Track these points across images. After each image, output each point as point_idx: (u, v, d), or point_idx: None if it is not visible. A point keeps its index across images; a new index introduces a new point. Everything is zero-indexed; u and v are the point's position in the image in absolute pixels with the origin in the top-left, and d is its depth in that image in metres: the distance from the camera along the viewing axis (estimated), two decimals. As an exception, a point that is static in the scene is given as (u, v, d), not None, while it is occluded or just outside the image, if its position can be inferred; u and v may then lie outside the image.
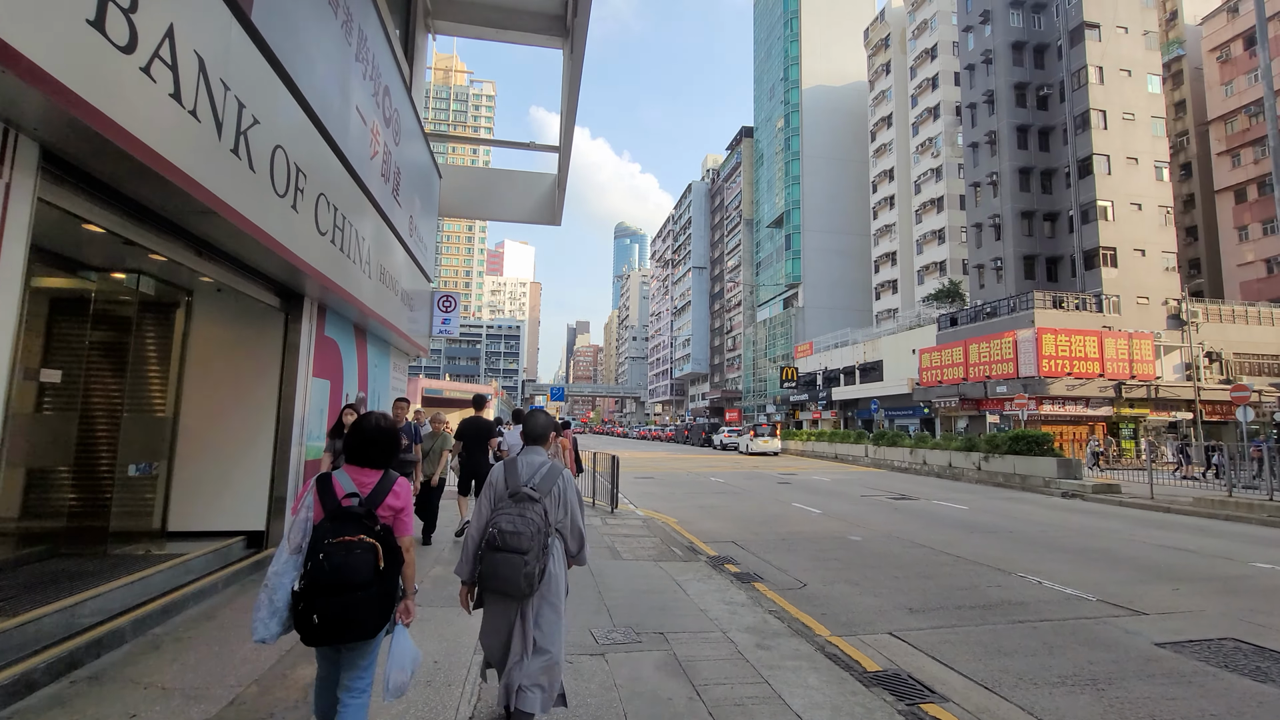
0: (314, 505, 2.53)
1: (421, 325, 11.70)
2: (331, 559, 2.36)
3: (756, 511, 12.07)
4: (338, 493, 2.51)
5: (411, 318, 10.67)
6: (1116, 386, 34.23)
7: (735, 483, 17.68)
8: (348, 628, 2.40)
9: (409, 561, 2.64)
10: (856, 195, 69.17)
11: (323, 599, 2.35)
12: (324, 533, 2.42)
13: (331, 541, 2.39)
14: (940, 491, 15.90)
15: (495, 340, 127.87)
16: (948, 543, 8.96)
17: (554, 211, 14.64)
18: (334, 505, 2.48)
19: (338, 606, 2.36)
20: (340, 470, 2.62)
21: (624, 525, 9.69)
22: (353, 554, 2.38)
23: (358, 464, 2.62)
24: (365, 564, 2.40)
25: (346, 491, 2.52)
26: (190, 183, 3.71)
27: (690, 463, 27.25)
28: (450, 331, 12.02)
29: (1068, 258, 40.06)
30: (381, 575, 2.45)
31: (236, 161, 4.24)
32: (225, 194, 4.10)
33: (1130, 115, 39.08)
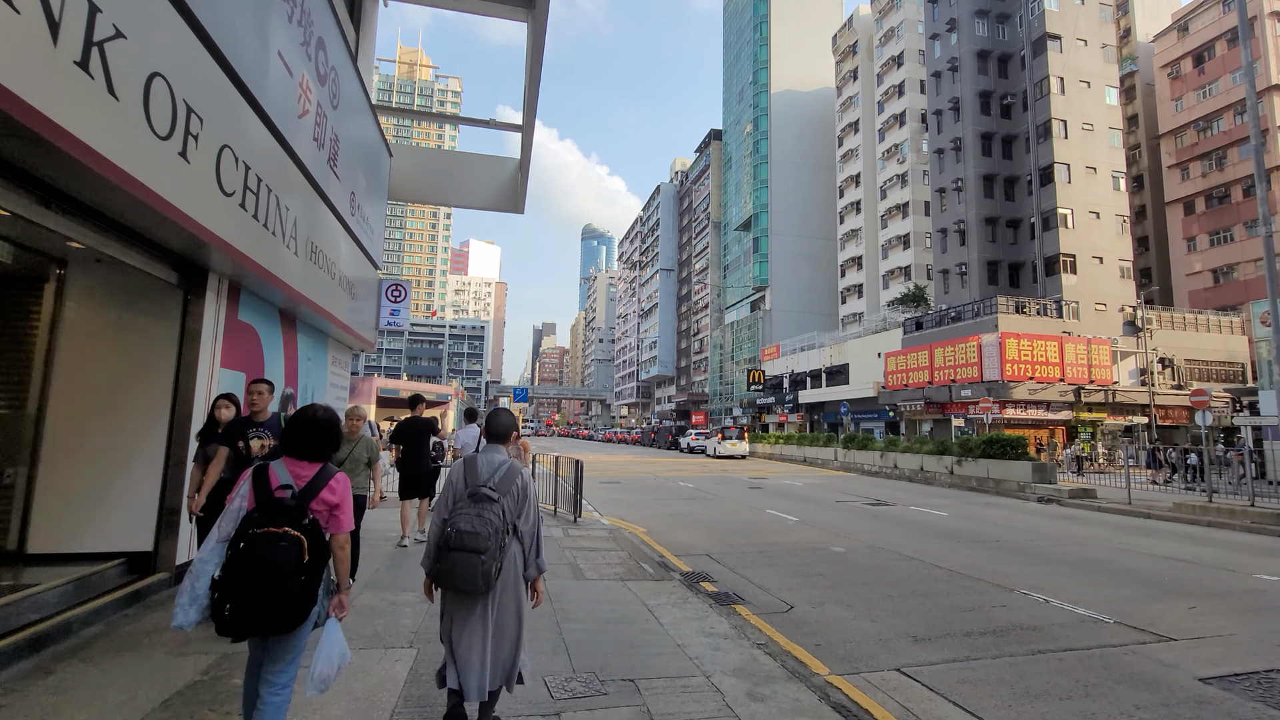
0: (248, 495, 2.51)
1: (367, 316, 10.63)
2: (252, 549, 2.33)
3: (730, 519, 11.32)
4: (272, 484, 2.51)
5: (354, 307, 9.61)
6: (1076, 391, 34.78)
7: (705, 488, 16.95)
8: (261, 620, 2.35)
9: (343, 557, 2.61)
10: (824, 200, 69.66)
11: (237, 590, 2.31)
12: (250, 523, 2.40)
13: (255, 532, 2.36)
14: (915, 497, 15.44)
15: (458, 340, 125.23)
16: (937, 554, 8.34)
17: (516, 198, 13.69)
18: (266, 496, 2.48)
19: (252, 598, 2.31)
20: (279, 461, 2.60)
21: (588, 537, 8.81)
22: (275, 546, 2.35)
23: (295, 456, 2.61)
24: (287, 557, 2.36)
25: (281, 483, 2.52)
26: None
27: (657, 466, 26.47)
28: (400, 324, 10.97)
29: (1029, 264, 40.73)
30: (304, 569, 2.40)
31: (85, 79, 3.25)
32: (65, 118, 3.11)
33: (1089, 126, 39.97)
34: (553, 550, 7.79)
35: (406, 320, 11.05)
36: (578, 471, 9.92)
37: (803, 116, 71.86)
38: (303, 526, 2.44)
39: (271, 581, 2.33)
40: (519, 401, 31.70)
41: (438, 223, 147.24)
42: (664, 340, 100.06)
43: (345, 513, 2.63)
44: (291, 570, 2.37)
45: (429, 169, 13.34)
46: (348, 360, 10.60)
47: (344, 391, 10.35)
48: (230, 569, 2.34)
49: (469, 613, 2.95)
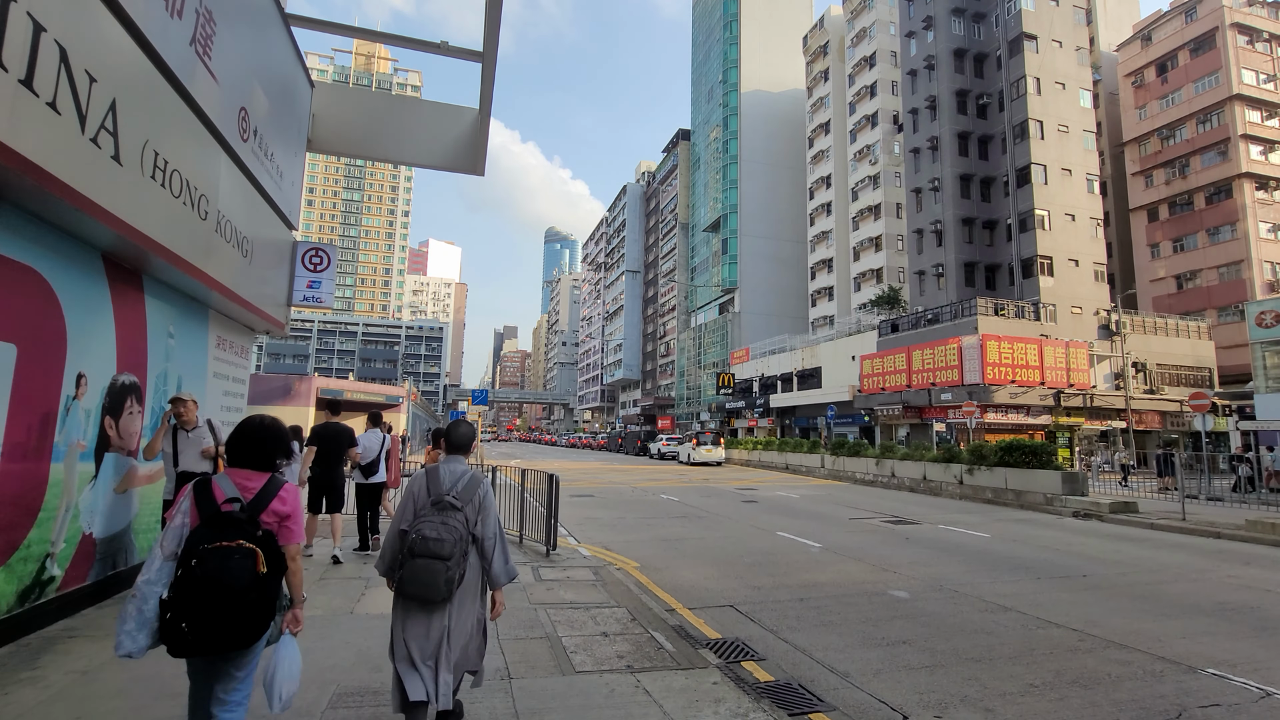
0: (190, 511, 2.41)
1: (275, 288, 8.12)
2: (205, 565, 2.24)
3: (737, 545, 9.18)
4: (217, 497, 2.43)
5: (252, 272, 7.11)
6: (1056, 395, 34.00)
7: (692, 501, 14.80)
8: (220, 637, 2.27)
9: (296, 570, 2.55)
10: (794, 202, 68.76)
11: (194, 607, 2.22)
12: (199, 539, 2.31)
13: (206, 547, 2.27)
14: (933, 511, 13.60)
15: (416, 342, 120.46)
16: (1030, 600, 6.35)
17: (475, 156, 11.31)
18: (212, 510, 2.39)
19: (210, 614, 2.22)
20: (221, 474, 2.52)
21: (568, 581, 6.52)
22: (230, 560, 2.27)
23: (240, 466, 2.55)
24: (243, 570, 2.28)
25: (227, 496, 2.44)
26: None
27: (630, 475, 24.22)
28: (322, 299, 8.48)
29: (1006, 265, 40.09)
30: (260, 582, 2.33)
31: None
32: None
33: (1065, 127, 39.62)
34: (520, 606, 5.50)
35: (330, 294, 8.57)
36: (552, 489, 7.61)
37: (773, 117, 70.92)
38: (256, 539, 2.36)
39: (229, 596, 2.24)
40: (478, 404, 29.03)
41: (395, 220, 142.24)
42: (629, 343, 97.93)
43: (297, 523, 2.56)
44: (248, 584, 2.28)
45: (366, 115, 10.83)
46: (246, 345, 8.06)
47: (240, 385, 7.82)
48: (184, 587, 2.23)
49: (428, 622, 2.96)
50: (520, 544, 8.47)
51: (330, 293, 8.62)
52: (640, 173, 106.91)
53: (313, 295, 8.47)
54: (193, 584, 2.22)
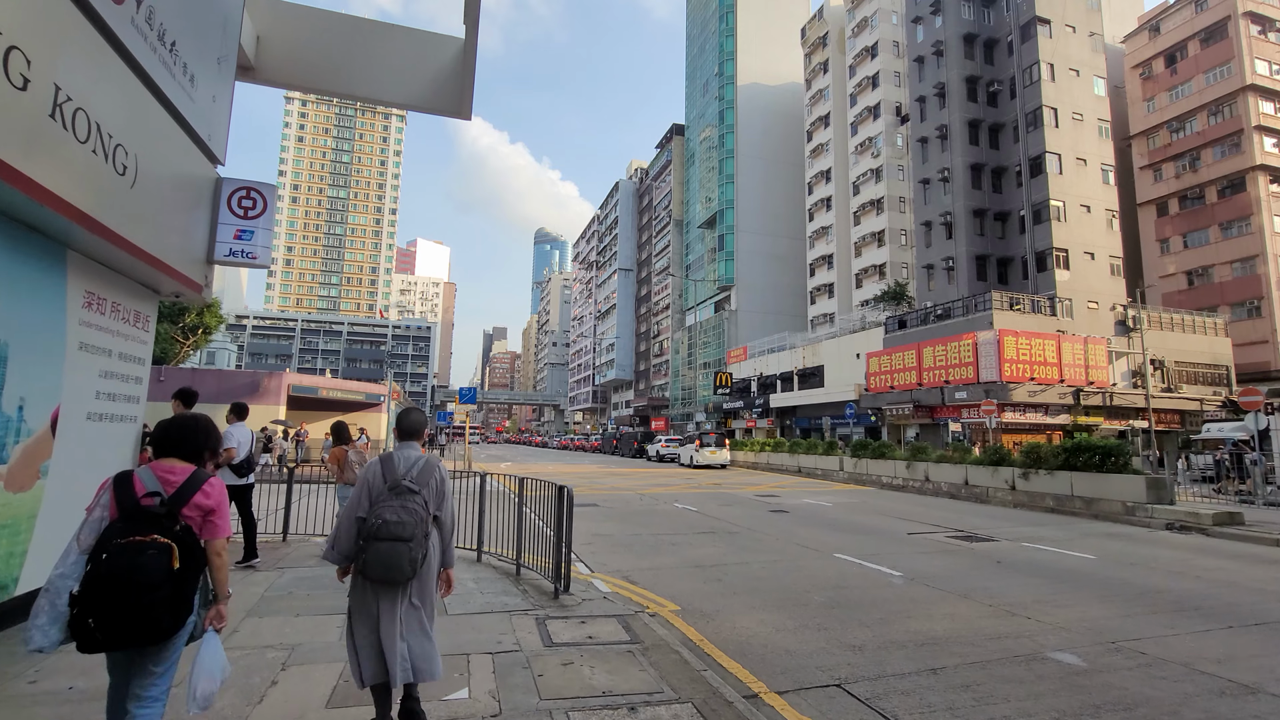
0: (110, 504, 2.33)
1: (187, 236, 6.03)
2: (115, 560, 2.19)
3: (794, 574, 7.19)
4: (137, 490, 2.34)
5: (141, 204, 5.03)
6: (1075, 393, 32.39)
7: (712, 511, 12.81)
8: (130, 632, 2.21)
9: (220, 565, 2.48)
10: (791, 198, 67.12)
11: (102, 602, 2.16)
12: (113, 533, 2.25)
13: (119, 542, 2.22)
14: (996, 523, 11.68)
15: (403, 341, 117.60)
16: (1246, 664, 4.42)
17: (460, 95, 9.28)
18: (131, 504, 2.31)
19: (117, 611, 2.16)
20: (144, 466, 2.44)
21: (590, 645, 4.50)
22: (142, 555, 2.21)
23: (166, 456, 2.48)
24: (156, 566, 2.22)
25: (148, 490, 2.35)
26: None
27: (633, 479, 22.20)
28: (255, 255, 6.40)
29: (1019, 259, 38.49)
30: (175, 578, 2.27)
31: None
32: None
33: (1079, 115, 38.12)
34: (527, 706, 3.48)
35: (266, 248, 6.48)
36: (564, 507, 5.56)
37: (770, 111, 69.27)
38: (173, 534, 2.31)
39: (137, 592, 2.18)
40: (466, 403, 26.87)
41: (382, 218, 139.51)
42: (622, 343, 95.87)
43: (222, 517, 2.49)
44: (160, 580, 2.22)
45: (325, 40, 8.74)
46: (145, 312, 5.95)
47: (135, 367, 5.72)
48: (92, 582, 2.18)
49: (391, 602, 2.99)
50: (516, 576, 6.43)
51: (266, 246, 6.52)
52: (631, 171, 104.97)
53: (242, 249, 6.37)
54: (100, 579, 2.17)
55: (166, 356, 39.46)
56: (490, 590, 5.91)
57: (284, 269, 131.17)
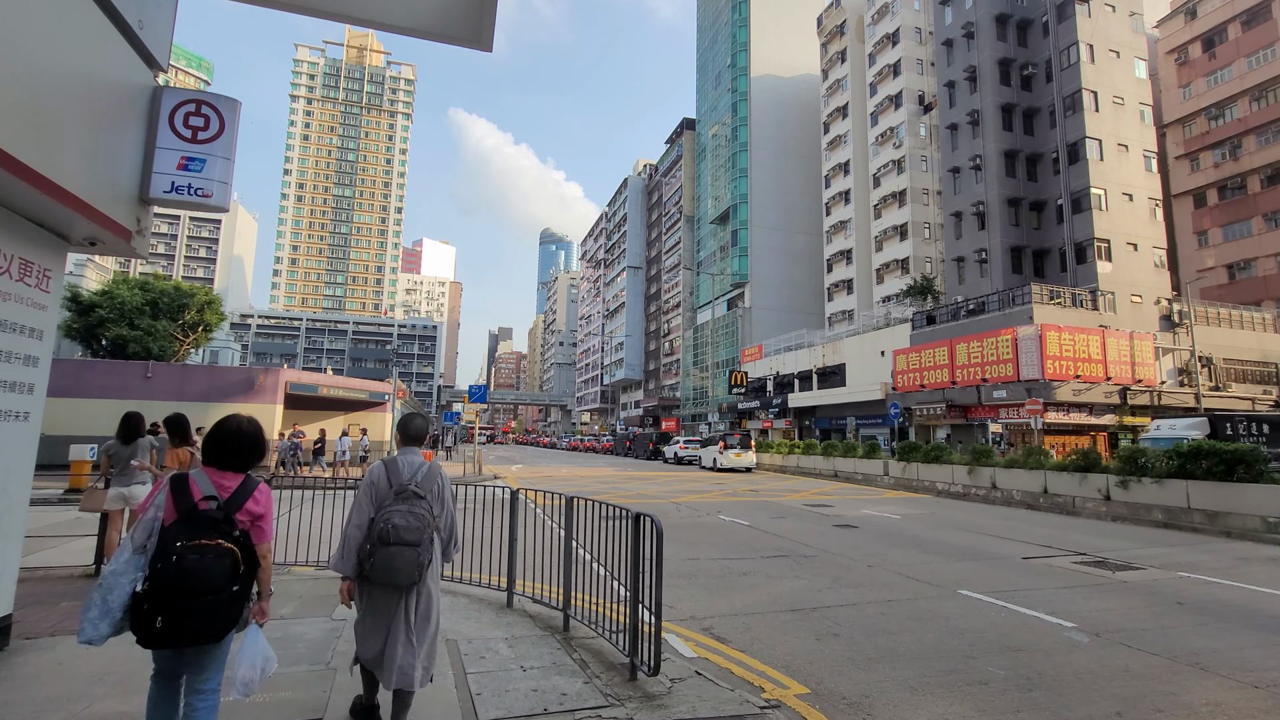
0: (165, 505, 2.42)
1: (108, 161, 4.30)
2: (183, 562, 2.27)
3: (931, 625, 5.40)
4: (194, 494, 2.44)
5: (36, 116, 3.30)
6: (1122, 392, 30.43)
7: (767, 525, 11.03)
8: (193, 632, 2.32)
9: (266, 566, 2.60)
10: (807, 192, 65.23)
11: (170, 602, 2.25)
12: (175, 535, 2.33)
13: (185, 544, 2.30)
14: (1112, 541, 9.84)
15: (408, 341, 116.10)
16: None
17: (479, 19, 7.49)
18: (189, 507, 2.41)
19: (185, 610, 2.27)
20: (199, 471, 2.54)
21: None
22: (207, 558, 2.31)
23: (218, 467, 2.56)
24: (221, 569, 2.33)
25: (204, 494, 2.45)
26: None
27: (658, 485, 20.42)
28: (208, 192, 4.67)
29: (1056, 250, 36.50)
30: (238, 580, 2.38)
31: None
32: None
33: (1120, 99, 36.13)
34: None
35: (222, 184, 4.74)
36: (644, 545, 3.78)
37: (785, 103, 67.38)
38: (234, 539, 2.41)
39: (206, 594, 2.28)
40: (476, 402, 25.18)
41: (388, 217, 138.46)
42: (631, 342, 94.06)
43: (268, 522, 2.63)
44: (224, 582, 2.33)
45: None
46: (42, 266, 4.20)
47: (25, 341, 4.00)
48: (161, 582, 2.26)
49: (397, 605, 3.01)
50: (564, 633, 4.65)
51: (223, 181, 4.77)
52: (640, 167, 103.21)
53: (189, 184, 4.63)
54: (170, 579, 2.25)
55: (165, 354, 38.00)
56: (533, 660, 4.14)
57: (289, 268, 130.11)
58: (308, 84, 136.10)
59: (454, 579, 5.98)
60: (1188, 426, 20.03)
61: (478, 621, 4.98)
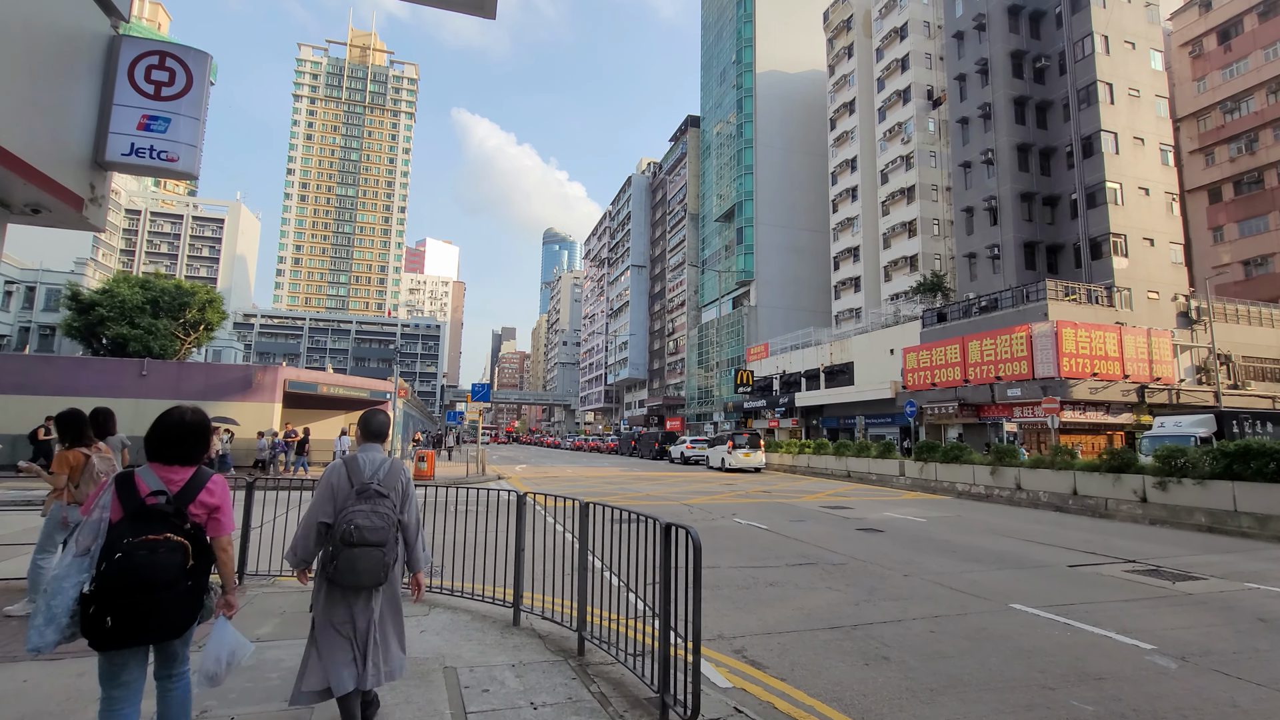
0: (111, 504, 2.36)
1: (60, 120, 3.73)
2: (132, 559, 2.22)
3: (990, 646, 4.80)
4: (141, 491, 2.37)
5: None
6: (1139, 390, 29.70)
7: (786, 529, 10.43)
8: (148, 629, 2.26)
9: (226, 560, 2.54)
10: (813, 189, 64.56)
11: (120, 599, 2.20)
12: (122, 533, 2.27)
13: (132, 540, 2.25)
14: (1158, 547, 9.21)
15: (411, 340, 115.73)
16: None
17: (482, -16, 6.91)
18: (136, 504, 2.34)
19: (137, 607, 2.21)
20: (144, 468, 2.47)
21: None
22: (157, 553, 2.26)
23: (162, 461, 2.49)
24: (172, 563, 2.28)
25: (152, 489, 2.39)
26: None
27: (667, 485, 19.83)
28: (174, 156, 4.12)
29: (1070, 246, 35.77)
30: (190, 573, 2.34)
31: None
32: None
33: (1135, 91, 35.37)
34: None
35: (189, 147, 4.18)
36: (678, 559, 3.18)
37: (790, 99, 66.72)
38: (185, 532, 2.35)
39: (156, 590, 2.23)
40: (479, 400, 24.63)
41: (391, 217, 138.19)
42: (635, 341, 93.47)
43: (226, 514, 2.55)
44: (175, 577, 2.27)
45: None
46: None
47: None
48: (107, 581, 2.20)
49: (361, 607, 2.94)
50: (579, 657, 4.07)
51: (190, 144, 4.19)
52: (644, 166, 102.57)
53: (151, 146, 4.06)
54: (116, 578, 2.19)
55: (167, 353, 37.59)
56: (545, 694, 3.55)
57: (293, 267, 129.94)
58: (311, 83, 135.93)
59: (454, 591, 5.39)
60: (1194, 424, 19.22)
61: (480, 644, 4.39)
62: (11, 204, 3.78)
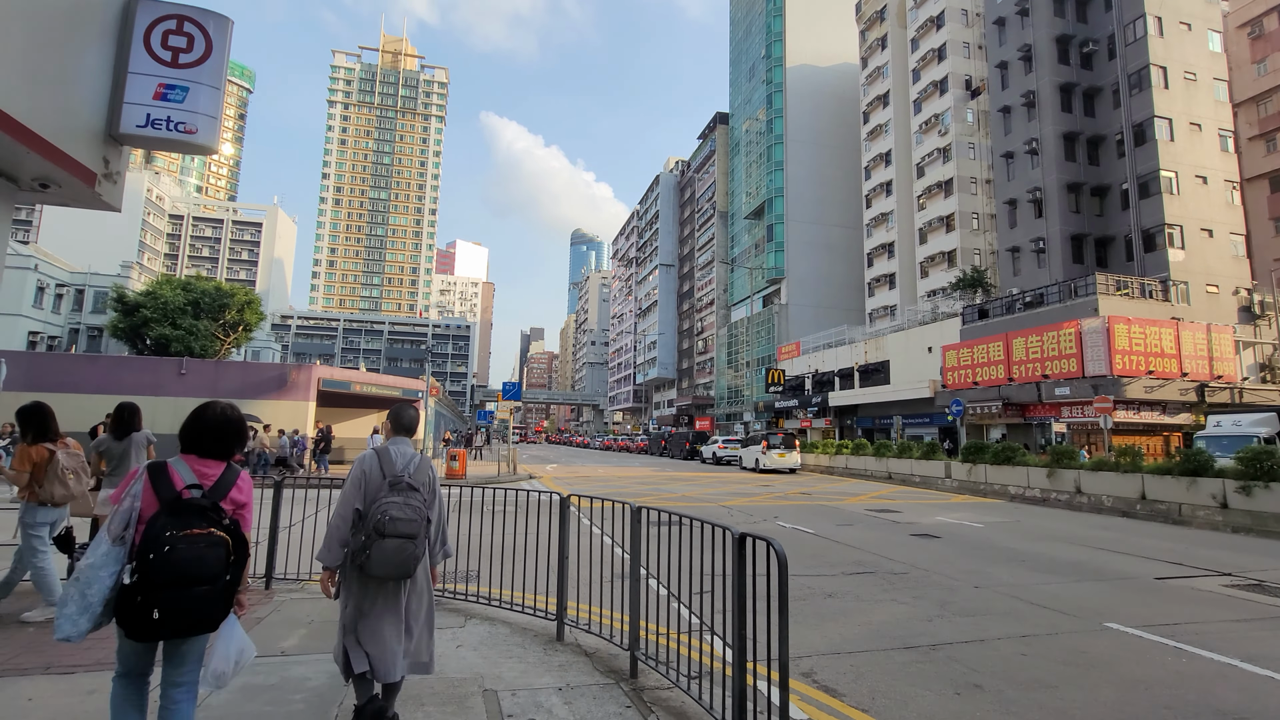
0: (143, 495, 2.35)
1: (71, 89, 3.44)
2: (178, 553, 2.21)
3: (1103, 677, 4.21)
4: (175, 483, 2.36)
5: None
6: (1199, 389, 28.13)
7: (833, 534, 9.87)
8: (193, 622, 2.28)
9: (247, 558, 2.53)
10: (845, 185, 63.24)
11: (168, 593, 2.20)
12: (164, 525, 2.25)
13: (176, 534, 2.24)
14: (1249, 558, 8.42)
15: (442, 340, 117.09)
16: None
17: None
18: (172, 496, 2.33)
19: (184, 600, 2.22)
20: (176, 459, 2.47)
21: None
22: (200, 547, 2.26)
23: (198, 454, 2.49)
24: (217, 558, 2.29)
25: (186, 483, 2.38)
26: None
27: (701, 486, 19.32)
28: (192, 127, 3.82)
29: (1121, 238, 34.17)
30: (230, 569, 2.35)
31: None
32: None
33: (1192, 75, 33.62)
34: None
35: (209, 117, 3.87)
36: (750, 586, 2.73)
37: (821, 93, 65.48)
38: (224, 527, 2.36)
39: (204, 583, 2.25)
40: (510, 399, 24.45)
41: (422, 219, 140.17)
42: (664, 340, 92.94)
43: (250, 512, 2.57)
44: (221, 571, 2.30)
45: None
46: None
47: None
48: (156, 573, 2.18)
49: (388, 598, 2.96)
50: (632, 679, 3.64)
51: (210, 115, 3.88)
52: (672, 165, 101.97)
53: (168, 117, 3.76)
54: (166, 571, 2.18)
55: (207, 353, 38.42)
56: (597, 725, 3.11)
57: (328, 270, 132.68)
58: (345, 89, 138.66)
59: (491, 600, 5.00)
60: (1255, 423, 17.71)
61: (521, 661, 3.99)
62: (19, 179, 3.49)
